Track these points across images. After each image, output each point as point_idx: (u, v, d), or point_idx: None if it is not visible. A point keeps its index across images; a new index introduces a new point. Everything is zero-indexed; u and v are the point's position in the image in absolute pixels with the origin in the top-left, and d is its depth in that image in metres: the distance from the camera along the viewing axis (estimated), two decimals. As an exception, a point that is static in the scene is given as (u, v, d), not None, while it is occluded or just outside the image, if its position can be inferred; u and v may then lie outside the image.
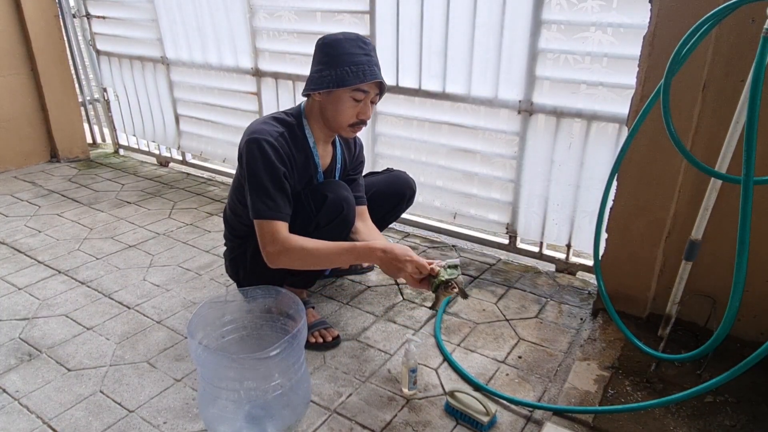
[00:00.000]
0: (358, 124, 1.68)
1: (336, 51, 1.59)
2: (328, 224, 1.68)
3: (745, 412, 1.48)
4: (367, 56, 1.60)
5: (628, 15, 1.82)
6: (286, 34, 2.75)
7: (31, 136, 3.60)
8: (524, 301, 2.08)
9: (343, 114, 1.64)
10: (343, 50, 1.58)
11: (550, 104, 2.09)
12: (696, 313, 1.77)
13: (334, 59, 1.58)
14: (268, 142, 1.58)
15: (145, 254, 2.43)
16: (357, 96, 1.61)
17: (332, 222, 1.68)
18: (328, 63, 1.59)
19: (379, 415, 1.50)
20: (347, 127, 1.67)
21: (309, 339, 1.77)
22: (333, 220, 1.68)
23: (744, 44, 1.47)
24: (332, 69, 1.58)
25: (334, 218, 1.68)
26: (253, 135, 1.58)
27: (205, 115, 3.30)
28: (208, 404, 1.38)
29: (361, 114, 1.66)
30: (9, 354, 1.76)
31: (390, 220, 2.11)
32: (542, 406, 1.52)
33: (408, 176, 2.06)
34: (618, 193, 1.77)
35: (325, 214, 1.67)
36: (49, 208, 2.95)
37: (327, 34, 1.65)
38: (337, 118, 1.65)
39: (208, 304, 1.53)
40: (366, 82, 1.59)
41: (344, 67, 1.57)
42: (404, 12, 2.29)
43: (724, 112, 1.53)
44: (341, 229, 1.72)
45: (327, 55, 1.60)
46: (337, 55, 1.58)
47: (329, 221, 1.68)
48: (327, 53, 1.61)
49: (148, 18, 3.27)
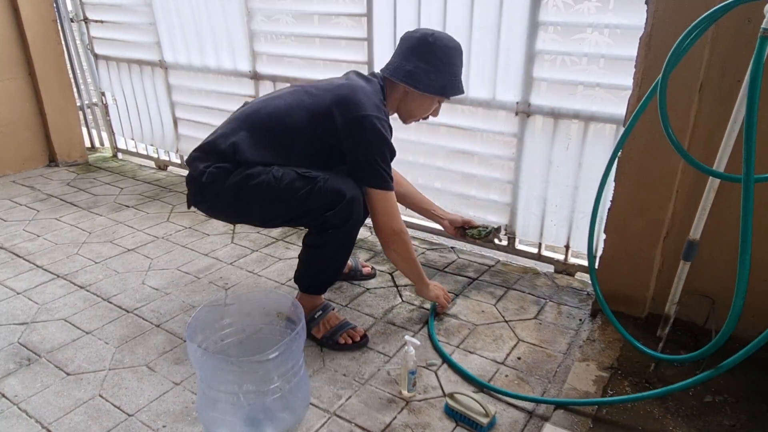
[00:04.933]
0: (425, 118, 1.85)
1: (447, 59, 1.69)
2: (341, 226, 1.63)
3: (744, 411, 1.48)
4: (462, 68, 1.75)
5: (624, 16, 1.83)
6: (284, 37, 2.76)
7: (29, 140, 3.60)
8: (523, 302, 2.08)
9: (420, 111, 1.79)
10: (453, 61, 1.71)
11: (547, 105, 2.09)
12: (695, 313, 1.78)
13: (445, 67, 1.69)
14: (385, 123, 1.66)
15: (143, 258, 2.43)
16: (442, 100, 1.78)
17: (345, 224, 1.63)
18: (437, 68, 1.68)
19: (379, 418, 1.50)
20: (419, 118, 1.83)
21: (338, 341, 1.77)
22: (346, 223, 1.62)
23: (740, 44, 1.47)
24: (439, 75, 1.69)
25: (348, 220, 1.62)
26: (368, 113, 1.60)
27: (203, 119, 3.30)
28: (208, 407, 1.38)
29: (434, 113, 1.83)
30: (8, 358, 1.75)
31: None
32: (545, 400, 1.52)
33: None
34: (616, 194, 1.77)
35: (338, 216, 1.61)
36: (47, 212, 2.95)
37: (435, 33, 1.69)
38: (415, 112, 1.80)
39: (206, 307, 1.53)
40: (458, 95, 1.76)
41: (449, 76, 1.70)
42: (401, 15, 2.30)
43: (721, 111, 1.53)
44: (351, 232, 1.68)
45: (437, 59, 1.68)
46: (448, 64, 1.69)
47: (342, 223, 1.62)
48: (438, 57, 1.68)
49: (146, 22, 3.28)
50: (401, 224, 1.72)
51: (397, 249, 1.76)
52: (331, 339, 1.77)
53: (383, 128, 1.62)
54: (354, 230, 1.70)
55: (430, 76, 1.68)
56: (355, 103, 1.60)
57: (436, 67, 1.67)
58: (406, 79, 1.69)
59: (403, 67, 1.70)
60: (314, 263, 1.75)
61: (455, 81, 1.73)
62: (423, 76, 1.68)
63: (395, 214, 1.70)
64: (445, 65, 1.68)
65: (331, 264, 1.76)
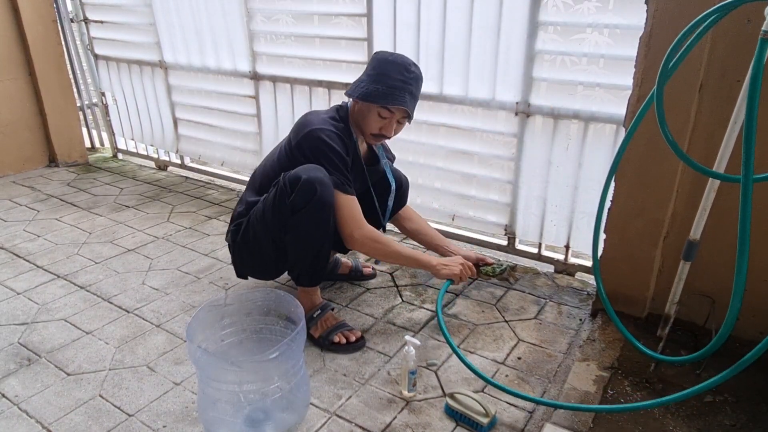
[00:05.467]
0: (379, 136, 1.82)
1: (381, 69, 1.74)
2: (304, 207, 1.65)
3: (744, 411, 1.48)
4: (403, 83, 1.73)
5: (624, 16, 1.83)
6: (284, 38, 2.76)
7: (29, 140, 3.60)
8: (523, 302, 2.08)
9: (368, 124, 1.79)
10: (386, 71, 1.73)
11: (547, 106, 2.09)
12: (695, 313, 1.78)
13: (376, 76, 1.74)
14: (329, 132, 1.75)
15: (144, 258, 2.43)
16: (383, 113, 1.76)
17: (308, 204, 1.65)
18: (370, 76, 1.75)
19: (379, 417, 1.50)
20: (370, 135, 1.82)
21: (333, 339, 1.77)
22: (309, 202, 1.65)
23: (740, 44, 1.47)
24: (369, 84, 1.74)
25: (310, 200, 1.65)
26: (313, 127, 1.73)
27: (203, 119, 3.31)
28: (208, 408, 1.38)
29: (383, 130, 1.80)
30: (8, 359, 1.75)
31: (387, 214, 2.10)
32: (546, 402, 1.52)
33: (401, 172, 2.11)
34: (616, 194, 1.77)
35: (299, 196, 1.64)
36: (47, 212, 2.95)
37: (385, 51, 1.81)
38: (363, 125, 1.81)
39: (207, 307, 1.53)
40: (390, 105, 1.73)
41: (379, 85, 1.72)
42: (401, 15, 2.30)
43: (722, 111, 1.54)
44: (320, 212, 1.67)
45: (373, 69, 1.76)
46: (379, 74, 1.73)
47: (305, 203, 1.65)
48: (374, 67, 1.76)
49: (146, 22, 3.28)
50: (357, 230, 1.74)
51: (368, 252, 1.82)
52: (327, 339, 1.78)
53: (327, 137, 1.72)
54: (321, 210, 1.66)
55: (362, 84, 1.76)
56: (304, 124, 1.77)
57: (369, 76, 1.75)
58: (347, 90, 1.80)
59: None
60: (293, 249, 1.75)
61: (386, 91, 1.71)
62: (356, 85, 1.77)
63: (347, 221, 1.74)
64: (378, 74, 1.73)
65: (310, 248, 1.73)
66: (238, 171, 3.47)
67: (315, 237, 1.71)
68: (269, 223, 1.73)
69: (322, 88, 2.71)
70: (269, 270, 1.91)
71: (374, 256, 1.87)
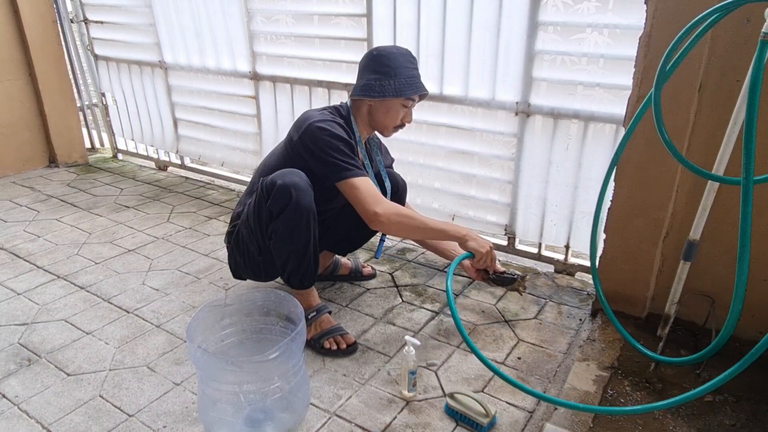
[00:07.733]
0: (400, 126, 1.88)
1: (394, 63, 1.76)
2: (281, 212, 1.65)
3: (744, 411, 1.48)
4: (416, 70, 1.80)
5: (623, 16, 1.83)
6: (284, 38, 2.76)
7: (29, 141, 3.61)
8: (523, 302, 2.08)
9: (392, 118, 1.84)
10: (399, 63, 1.76)
11: (547, 105, 2.09)
12: (695, 313, 1.78)
13: (393, 71, 1.75)
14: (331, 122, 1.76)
15: (144, 258, 2.43)
16: (407, 104, 1.82)
17: (285, 209, 1.65)
18: (386, 74, 1.76)
19: (379, 418, 1.50)
20: (392, 128, 1.87)
21: (324, 344, 1.76)
22: (285, 207, 1.65)
23: (740, 45, 1.47)
24: (391, 79, 1.75)
25: (286, 205, 1.65)
26: (314, 120, 1.73)
27: (203, 119, 3.31)
28: (208, 408, 1.38)
29: (405, 119, 1.86)
30: (8, 359, 1.75)
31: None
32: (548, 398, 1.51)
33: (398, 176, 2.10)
34: (616, 194, 1.77)
35: (275, 202, 1.65)
36: (47, 213, 2.95)
37: (379, 47, 1.82)
38: (385, 121, 1.85)
39: (207, 307, 1.53)
40: (419, 93, 1.80)
41: (401, 78, 1.75)
42: (401, 15, 2.30)
43: (721, 112, 1.53)
44: (297, 216, 1.67)
45: (385, 66, 1.76)
46: (395, 68, 1.76)
47: (281, 209, 1.66)
48: (385, 65, 1.76)
49: (146, 23, 3.28)
50: (379, 205, 1.69)
51: (394, 229, 1.75)
52: (318, 342, 1.77)
53: (330, 126, 1.73)
54: (297, 213, 1.66)
55: (382, 82, 1.76)
56: (304, 120, 1.77)
57: (386, 74, 1.76)
58: (362, 93, 1.79)
59: (358, 85, 1.82)
60: (277, 254, 1.75)
61: (411, 81, 1.77)
62: (376, 85, 1.77)
63: (366, 199, 1.70)
64: (393, 69, 1.75)
65: (293, 253, 1.72)
66: (238, 171, 3.47)
67: (296, 241, 1.70)
68: (253, 229, 1.76)
69: (321, 88, 2.71)
70: (260, 273, 1.91)
71: (401, 232, 1.84)
